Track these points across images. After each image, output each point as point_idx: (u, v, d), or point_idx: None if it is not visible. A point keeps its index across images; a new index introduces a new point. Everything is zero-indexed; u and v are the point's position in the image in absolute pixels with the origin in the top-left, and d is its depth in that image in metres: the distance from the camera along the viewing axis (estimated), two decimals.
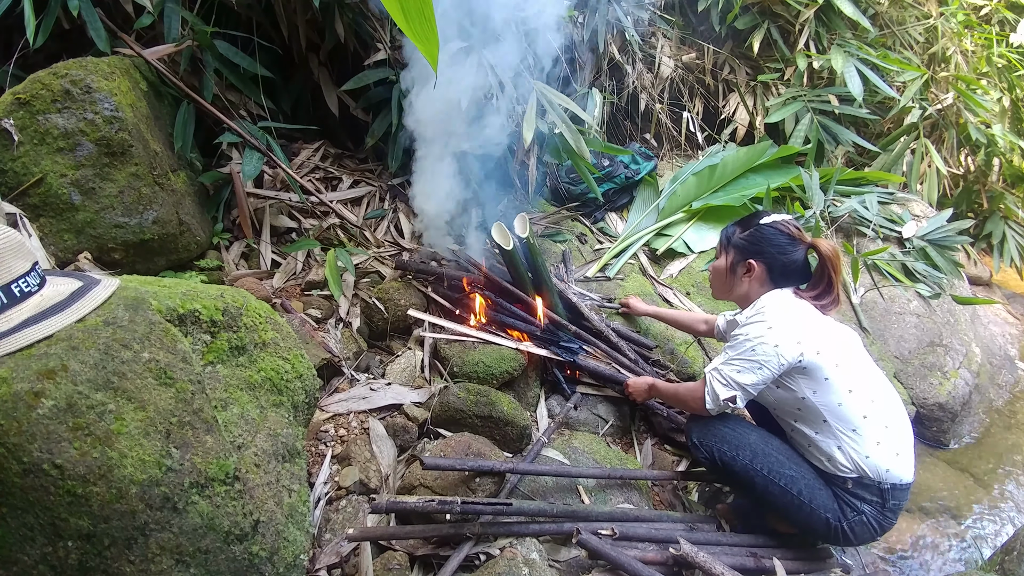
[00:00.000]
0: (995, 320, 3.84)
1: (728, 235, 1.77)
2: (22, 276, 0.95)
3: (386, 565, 1.43)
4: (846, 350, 1.61)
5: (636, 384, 2.06)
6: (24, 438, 0.86)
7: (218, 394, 1.16)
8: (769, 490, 1.60)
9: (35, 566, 0.91)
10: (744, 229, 1.73)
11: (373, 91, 2.56)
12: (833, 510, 1.57)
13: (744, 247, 1.71)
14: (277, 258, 2.30)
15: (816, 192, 3.03)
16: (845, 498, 1.57)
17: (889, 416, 1.59)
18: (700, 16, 3.76)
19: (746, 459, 1.62)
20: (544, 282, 2.24)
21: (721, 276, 1.79)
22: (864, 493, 1.56)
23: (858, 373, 1.59)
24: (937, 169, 3.69)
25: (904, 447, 1.58)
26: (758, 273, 1.68)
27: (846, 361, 1.58)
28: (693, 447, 1.74)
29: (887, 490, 1.54)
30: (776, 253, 1.66)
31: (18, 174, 1.67)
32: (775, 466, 1.60)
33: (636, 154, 3.29)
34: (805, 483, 1.59)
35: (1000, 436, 2.86)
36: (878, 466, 1.53)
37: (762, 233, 1.68)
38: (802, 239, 1.67)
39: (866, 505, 1.56)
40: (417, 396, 1.96)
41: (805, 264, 1.68)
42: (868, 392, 1.57)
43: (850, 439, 1.54)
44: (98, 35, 1.91)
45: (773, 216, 1.70)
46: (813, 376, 1.55)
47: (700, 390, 1.68)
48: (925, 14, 4.16)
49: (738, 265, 1.72)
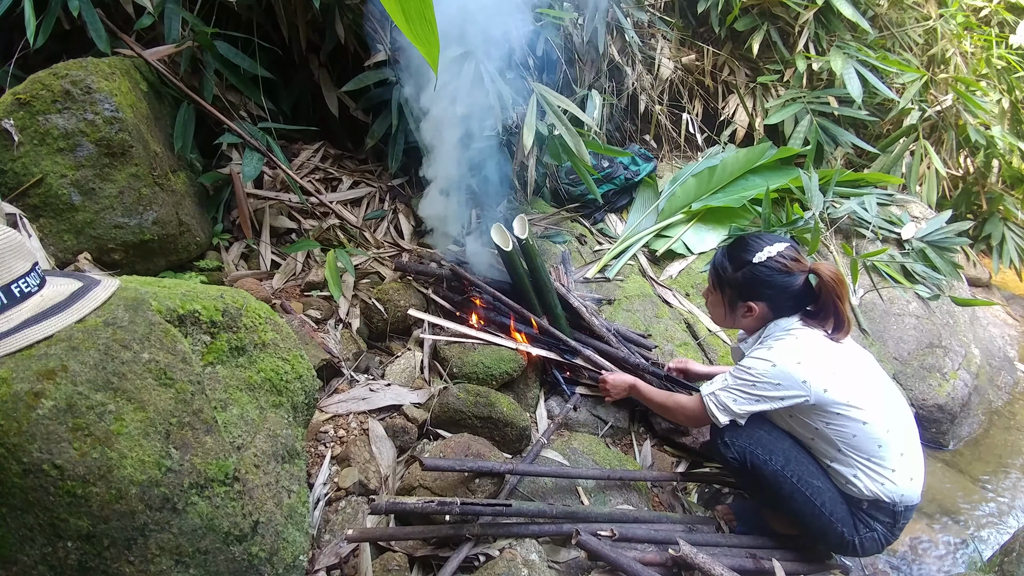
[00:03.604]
0: (994, 321, 3.84)
1: (720, 270, 1.69)
2: (22, 276, 0.95)
3: (385, 566, 1.43)
4: (859, 379, 1.58)
5: (615, 381, 1.93)
6: (24, 438, 0.86)
7: (218, 395, 1.16)
8: (795, 497, 1.58)
9: (35, 566, 0.91)
10: (736, 267, 1.64)
11: (373, 92, 2.56)
12: (849, 525, 1.60)
13: (740, 289, 1.64)
14: (277, 259, 2.30)
15: (815, 193, 3.03)
16: (860, 516, 1.60)
17: (904, 442, 1.59)
18: (700, 18, 3.77)
19: (778, 464, 1.59)
20: (543, 284, 2.24)
21: (720, 312, 1.75)
22: (879, 514, 1.59)
23: (873, 402, 1.55)
24: (936, 171, 3.69)
25: (917, 471, 1.60)
26: (759, 313, 1.64)
27: (859, 392, 1.54)
28: (723, 446, 1.66)
29: (900, 512, 1.59)
30: (776, 293, 1.60)
31: (18, 174, 1.67)
32: (805, 475, 1.58)
33: (636, 155, 3.29)
34: (828, 496, 1.59)
35: (999, 437, 2.86)
36: (893, 492, 1.55)
37: (757, 274, 1.60)
38: (801, 269, 1.59)
39: (879, 524, 1.60)
40: (417, 397, 1.96)
41: (807, 286, 1.60)
42: (883, 422, 1.55)
43: (867, 467, 1.55)
44: (98, 36, 1.91)
45: (766, 250, 1.59)
46: (823, 411, 1.54)
47: (695, 409, 1.68)
48: (924, 16, 4.17)
49: (737, 306, 1.67)
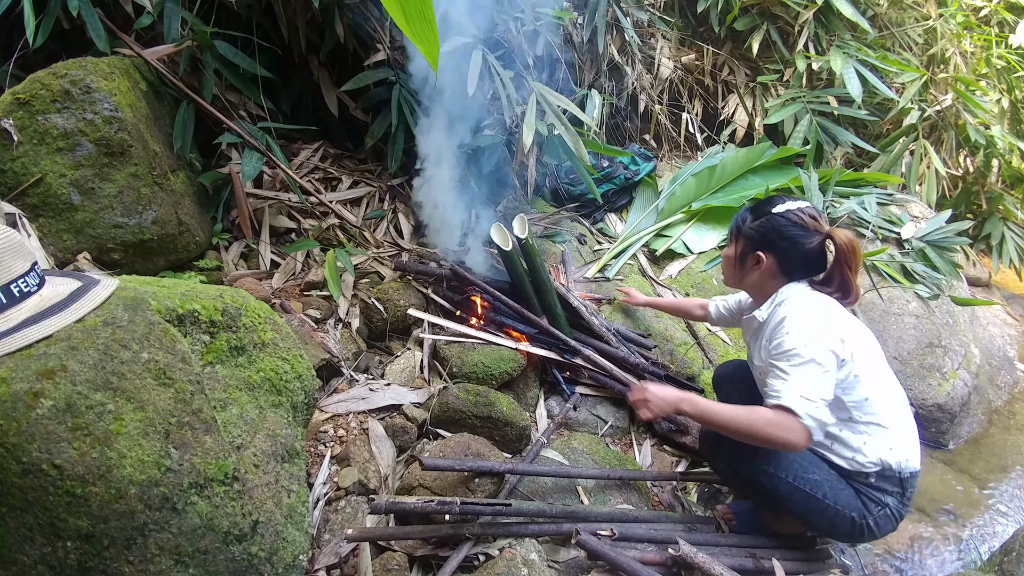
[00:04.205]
0: (994, 321, 3.84)
1: (739, 222, 1.64)
2: (21, 276, 0.95)
3: (385, 566, 1.43)
4: (870, 346, 1.57)
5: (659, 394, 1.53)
6: (23, 438, 0.86)
7: (217, 394, 1.16)
8: (794, 496, 1.54)
9: (34, 566, 0.91)
10: (756, 217, 1.59)
11: (373, 92, 2.56)
12: (857, 508, 1.53)
13: (754, 237, 1.58)
14: (276, 258, 2.30)
15: (815, 193, 3.03)
16: (869, 493, 1.54)
17: (904, 408, 1.59)
18: (699, 17, 3.77)
19: (770, 467, 1.55)
20: (543, 283, 2.24)
21: (731, 265, 1.67)
22: (887, 485, 1.53)
23: (880, 368, 1.56)
24: (936, 170, 3.69)
25: (915, 436, 1.59)
26: (767, 266, 1.56)
27: (871, 357, 1.54)
28: (711, 457, 1.66)
29: (907, 479, 1.53)
30: (788, 247, 1.53)
31: (17, 174, 1.67)
32: (799, 471, 1.54)
33: (635, 155, 3.29)
34: (829, 486, 1.54)
35: (999, 437, 2.86)
36: (899, 457, 1.52)
37: (773, 223, 1.54)
38: (818, 229, 1.53)
39: (889, 497, 1.53)
40: (416, 396, 1.96)
41: (821, 254, 1.54)
42: (888, 387, 1.56)
43: (876, 433, 1.52)
44: (98, 35, 1.90)
45: (787, 203, 1.55)
46: (847, 373, 1.47)
47: (785, 422, 1.36)
48: (924, 15, 4.17)
49: (747, 256, 1.60)
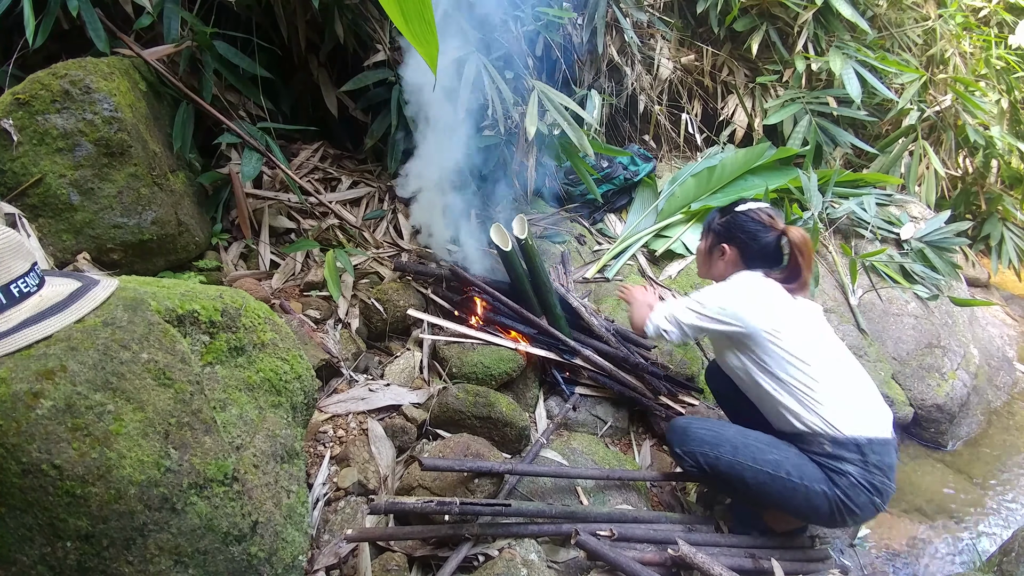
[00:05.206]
0: (993, 322, 3.84)
1: (710, 220, 1.91)
2: (21, 276, 0.95)
3: (384, 566, 1.43)
4: (804, 324, 1.69)
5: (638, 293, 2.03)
6: (23, 438, 0.86)
7: (217, 395, 1.16)
8: (759, 479, 1.60)
9: (34, 566, 0.91)
10: (722, 216, 1.86)
11: (372, 92, 2.56)
12: (823, 479, 1.57)
13: (720, 232, 1.84)
14: (276, 259, 2.30)
15: (814, 194, 3.03)
16: (829, 464, 1.58)
17: (850, 381, 1.65)
18: (699, 18, 3.77)
19: (729, 454, 1.64)
20: (542, 284, 2.24)
21: (702, 257, 1.94)
22: (843, 452, 1.57)
23: (815, 345, 1.65)
24: (935, 171, 3.70)
25: (868, 405, 1.63)
26: (730, 256, 1.81)
27: (802, 334, 1.65)
28: (677, 458, 1.76)
29: (864, 445, 1.56)
30: (747, 239, 1.78)
31: (17, 174, 1.67)
32: (758, 453, 1.62)
33: (635, 155, 3.29)
34: (791, 463, 1.60)
35: (998, 437, 2.86)
36: (841, 422, 1.57)
37: (736, 220, 1.81)
38: (774, 226, 1.77)
39: (849, 465, 1.56)
40: (416, 397, 1.96)
41: (777, 249, 1.78)
42: (823, 362, 1.63)
43: (810, 397, 1.60)
44: (97, 35, 1.90)
45: (749, 204, 1.82)
46: (760, 344, 1.64)
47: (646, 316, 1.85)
48: (923, 16, 4.17)
49: (715, 248, 1.86)
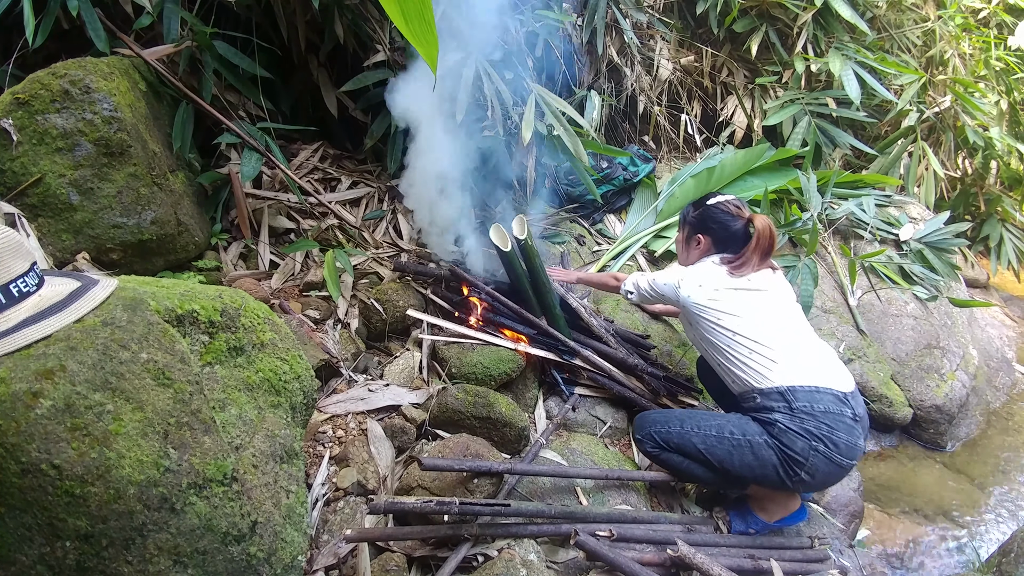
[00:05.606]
0: (992, 322, 3.85)
1: (685, 213, 2.10)
2: (20, 276, 0.94)
3: (384, 566, 1.43)
4: (743, 298, 1.83)
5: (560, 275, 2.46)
6: (22, 438, 0.86)
7: (216, 395, 1.16)
8: (708, 443, 1.74)
9: (33, 566, 0.90)
10: (696, 209, 2.05)
11: (372, 92, 2.56)
12: (758, 431, 1.71)
13: (695, 223, 2.03)
14: (275, 259, 2.30)
15: (814, 195, 3.03)
16: (762, 417, 1.72)
17: (785, 340, 1.77)
18: (698, 19, 3.77)
19: (677, 427, 1.81)
20: (542, 284, 2.24)
21: (681, 246, 2.13)
22: (770, 402, 1.71)
23: (751, 314, 1.80)
24: (934, 172, 3.70)
25: (802, 359, 1.74)
26: (704, 245, 2.00)
27: (737, 305, 1.81)
28: (638, 443, 1.92)
29: (785, 392, 1.69)
30: (718, 228, 1.97)
31: (17, 174, 1.67)
32: (701, 421, 1.80)
33: (635, 156, 3.29)
34: (733, 424, 1.75)
35: (997, 438, 2.86)
36: (767, 374, 1.72)
37: (708, 212, 1.99)
38: (741, 215, 1.95)
39: (776, 413, 1.69)
40: (415, 397, 1.96)
41: (746, 234, 1.94)
42: (757, 326, 1.78)
43: (742, 357, 1.76)
44: (97, 35, 1.90)
45: (719, 197, 2.01)
46: (694, 315, 1.86)
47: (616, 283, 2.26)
48: (923, 17, 4.18)
49: (691, 239, 2.05)
